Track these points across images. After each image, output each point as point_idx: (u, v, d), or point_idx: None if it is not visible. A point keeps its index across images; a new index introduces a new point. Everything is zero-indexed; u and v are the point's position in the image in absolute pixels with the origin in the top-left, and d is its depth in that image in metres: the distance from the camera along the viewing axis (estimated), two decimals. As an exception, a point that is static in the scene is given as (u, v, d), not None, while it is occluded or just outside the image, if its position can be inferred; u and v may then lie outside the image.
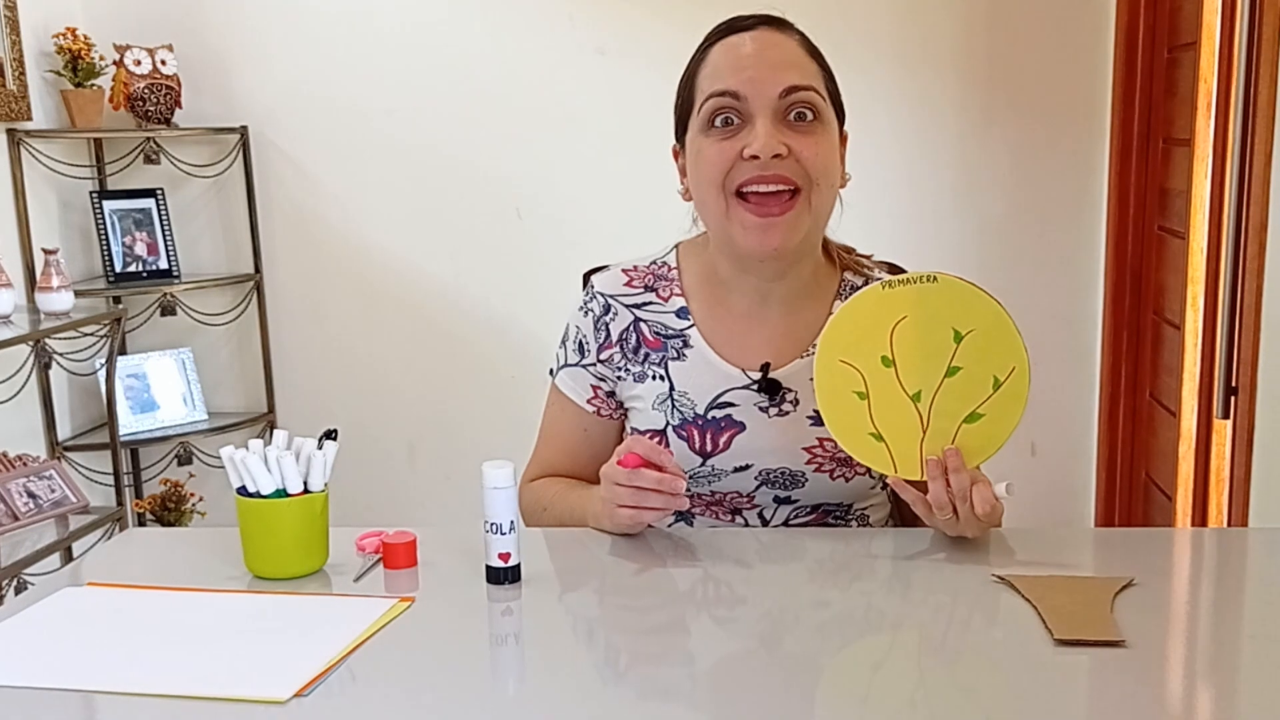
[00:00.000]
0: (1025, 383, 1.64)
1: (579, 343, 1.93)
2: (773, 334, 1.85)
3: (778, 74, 1.73)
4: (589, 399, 1.92)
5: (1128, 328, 3.83)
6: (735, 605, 1.53)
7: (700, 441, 1.82)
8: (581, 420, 1.94)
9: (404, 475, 4.33)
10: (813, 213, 1.76)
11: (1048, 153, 3.93)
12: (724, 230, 1.78)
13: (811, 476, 1.82)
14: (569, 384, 1.94)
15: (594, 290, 1.93)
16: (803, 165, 1.72)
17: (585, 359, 1.92)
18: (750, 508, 1.86)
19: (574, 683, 1.32)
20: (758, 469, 1.82)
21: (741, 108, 1.73)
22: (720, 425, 1.82)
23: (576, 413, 1.94)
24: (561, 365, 1.95)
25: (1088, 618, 1.39)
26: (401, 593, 1.55)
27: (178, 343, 4.25)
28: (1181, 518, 3.37)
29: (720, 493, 1.85)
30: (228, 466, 1.60)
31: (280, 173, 4.19)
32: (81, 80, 3.88)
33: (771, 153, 1.69)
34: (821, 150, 1.74)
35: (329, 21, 4.08)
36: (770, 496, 1.84)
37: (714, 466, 1.82)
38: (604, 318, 1.90)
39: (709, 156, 1.75)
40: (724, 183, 1.73)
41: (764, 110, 1.72)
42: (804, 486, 1.83)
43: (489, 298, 4.19)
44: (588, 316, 1.92)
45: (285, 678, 1.29)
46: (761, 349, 1.84)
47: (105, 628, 1.46)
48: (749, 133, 1.72)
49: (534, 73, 4.05)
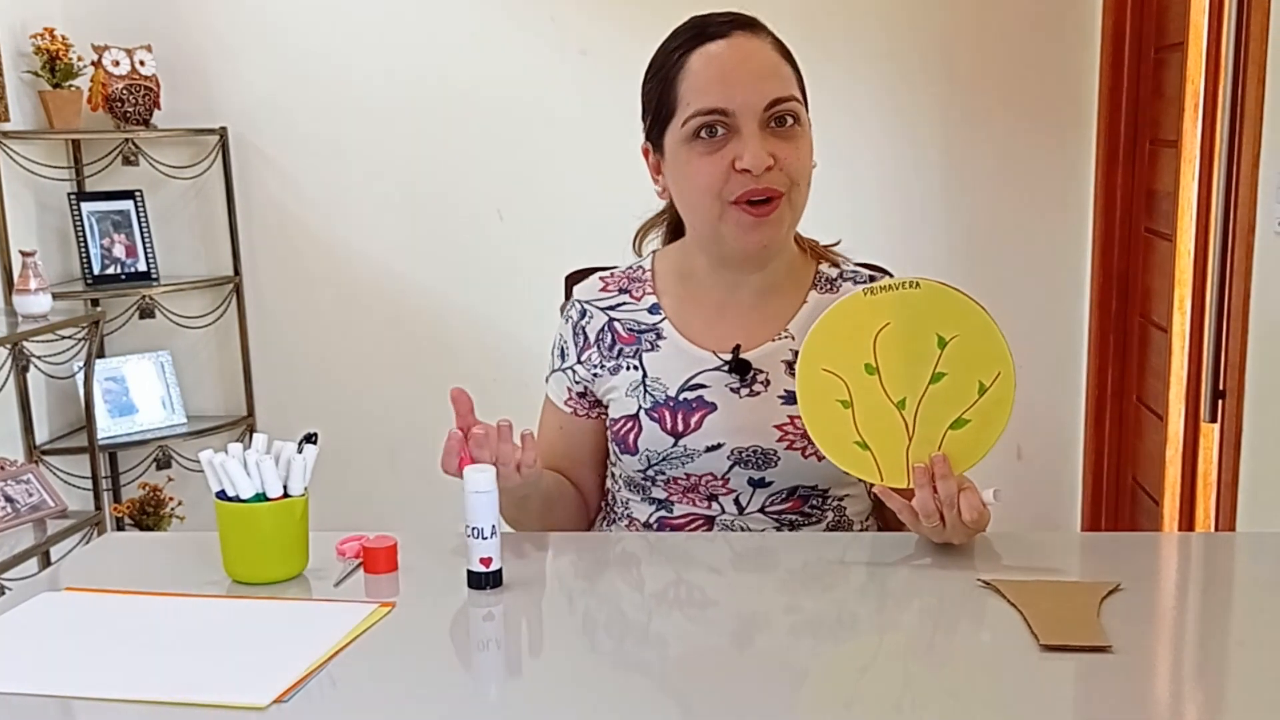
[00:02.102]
0: (1011, 388, 1.63)
1: (560, 349, 2.01)
2: (745, 320, 1.89)
3: (762, 86, 1.76)
4: (565, 400, 1.99)
5: (1114, 331, 3.84)
6: (716, 610, 1.52)
7: (672, 422, 1.85)
8: (559, 419, 2.01)
9: (385, 479, 4.32)
10: (793, 209, 1.81)
11: (1034, 154, 3.94)
12: (714, 231, 1.82)
13: (784, 455, 1.83)
14: (552, 388, 2.03)
15: (573, 299, 2.01)
16: (786, 172, 1.77)
17: (565, 363, 1.99)
18: (726, 493, 1.87)
19: (555, 688, 1.31)
20: (729, 448, 1.83)
21: (729, 122, 1.76)
22: (692, 406, 1.85)
23: (555, 412, 2.02)
24: (550, 371, 2.03)
25: (1074, 623, 1.39)
26: (382, 598, 1.54)
27: (156, 345, 4.23)
28: (1168, 522, 3.38)
29: (695, 475, 1.86)
30: (207, 470, 1.59)
31: (260, 174, 4.18)
32: (59, 81, 3.86)
33: (763, 166, 1.73)
34: (802, 154, 1.79)
35: (309, 22, 4.07)
36: (745, 479, 1.85)
37: (686, 446, 1.84)
38: (581, 322, 1.98)
39: (702, 169, 1.78)
40: (721, 193, 1.77)
41: (750, 123, 1.76)
42: (776, 466, 1.84)
43: (470, 300, 4.18)
44: (568, 324, 2.00)
45: (265, 683, 1.28)
46: (733, 333, 1.88)
47: (83, 633, 1.45)
48: (738, 143, 1.75)
49: (515, 73, 4.05)
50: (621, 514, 1.96)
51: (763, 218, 1.77)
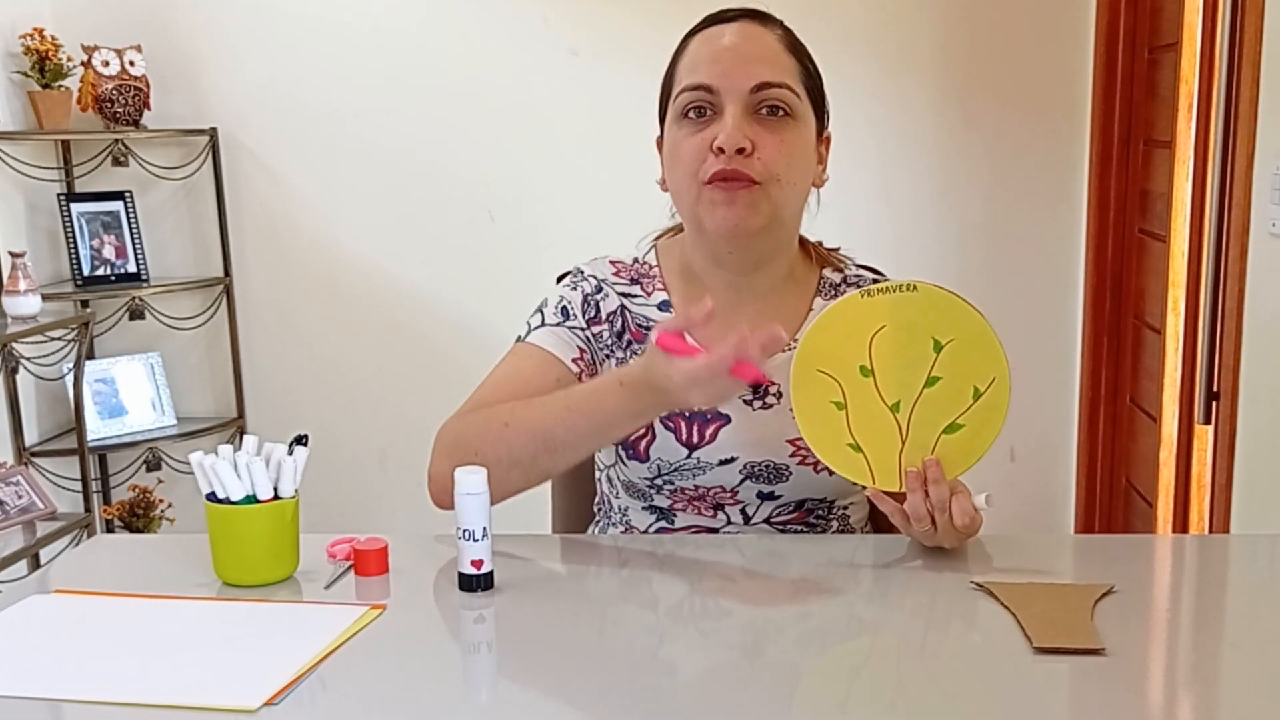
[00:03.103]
0: (1006, 393, 1.63)
1: (562, 308, 1.86)
2: (753, 328, 1.81)
3: (750, 68, 1.73)
4: (574, 358, 1.83)
5: (1108, 332, 3.84)
6: (712, 615, 1.51)
7: (687, 433, 1.80)
8: (556, 370, 1.81)
9: (376, 481, 4.31)
10: (772, 203, 1.74)
11: (1027, 154, 3.94)
12: (694, 214, 1.78)
13: (795, 470, 1.80)
14: (549, 340, 1.84)
15: (583, 273, 1.90)
16: (764, 162, 1.71)
17: (570, 321, 1.85)
18: (733, 503, 1.84)
19: (547, 692, 1.31)
20: (742, 462, 1.80)
21: (714, 100, 1.73)
22: (706, 417, 1.80)
23: (552, 362, 1.82)
24: (537, 327, 1.86)
25: (1067, 625, 1.38)
26: (373, 600, 1.53)
27: (146, 347, 4.22)
28: (1162, 524, 3.38)
29: (704, 487, 1.82)
30: (197, 472, 1.58)
31: (250, 175, 4.17)
32: (49, 81, 3.86)
33: (735, 145, 1.69)
34: (786, 148, 1.73)
35: (300, 22, 4.07)
36: (754, 491, 1.82)
37: (699, 459, 1.80)
38: (595, 295, 1.87)
39: (685, 149, 1.75)
40: (698, 173, 1.73)
41: (734, 103, 1.72)
42: (788, 480, 1.81)
43: (461, 301, 4.17)
44: (576, 290, 1.88)
45: (255, 686, 1.27)
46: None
47: (73, 636, 1.44)
48: (719, 124, 1.72)
49: (507, 74, 4.04)
50: (619, 521, 1.91)
51: (732, 192, 1.71)
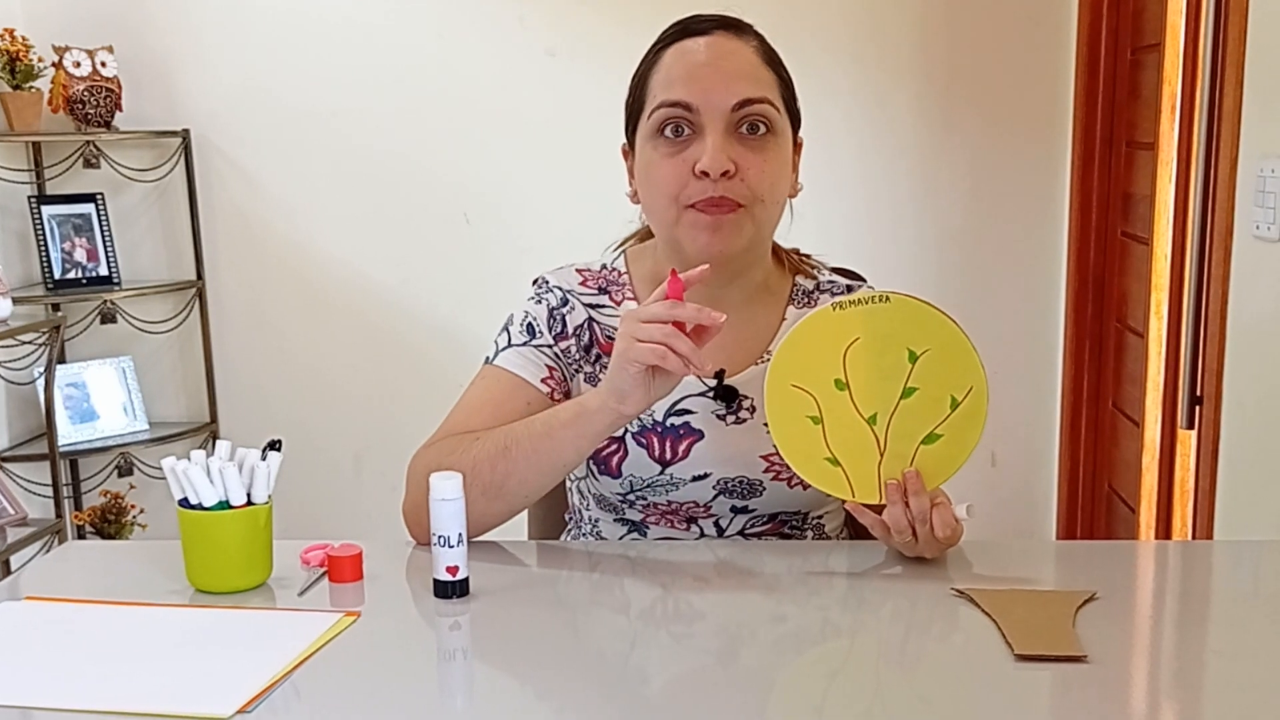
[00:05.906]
0: (984, 402, 1.62)
1: (527, 325, 1.84)
2: (725, 340, 1.76)
3: (731, 85, 1.70)
4: (543, 378, 1.81)
5: (1090, 336, 3.84)
6: (690, 620, 1.51)
7: (660, 449, 1.79)
8: (525, 393, 1.80)
9: (350, 486, 4.29)
10: (755, 224, 1.73)
11: (1008, 157, 3.94)
12: (672, 235, 1.75)
13: (770, 485, 1.79)
14: (517, 362, 1.82)
15: (548, 284, 1.88)
16: (748, 184, 1.70)
17: (537, 340, 1.84)
18: (706, 517, 1.83)
19: (523, 699, 1.31)
20: (716, 478, 1.79)
21: (693, 119, 1.70)
22: (679, 433, 1.79)
23: (521, 386, 1.80)
24: (504, 348, 1.84)
25: (1049, 632, 1.38)
26: (347, 607, 1.52)
27: (118, 351, 4.19)
28: (1145, 530, 3.38)
29: (677, 502, 1.81)
30: (169, 478, 1.57)
31: (223, 177, 4.15)
32: (19, 82, 3.83)
33: (720, 169, 1.67)
34: (769, 168, 1.72)
35: (273, 22, 4.05)
36: (727, 506, 1.82)
37: (673, 475, 1.79)
38: (560, 309, 1.85)
39: (663, 172, 1.72)
40: (678, 196, 1.71)
41: (715, 123, 1.69)
42: (762, 495, 1.80)
43: (437, 304, 4.16)
44: (541, 304, 1.86)
45: (228, 694, 1.27)
46: (715, 356, 1.79)
47: (44, 643, 1.43)
48: (699, 145, 1.69)
49: (483, 75, 4.04)
50: (589, 532, 1.89)
51: (718, 217, 1.69)
